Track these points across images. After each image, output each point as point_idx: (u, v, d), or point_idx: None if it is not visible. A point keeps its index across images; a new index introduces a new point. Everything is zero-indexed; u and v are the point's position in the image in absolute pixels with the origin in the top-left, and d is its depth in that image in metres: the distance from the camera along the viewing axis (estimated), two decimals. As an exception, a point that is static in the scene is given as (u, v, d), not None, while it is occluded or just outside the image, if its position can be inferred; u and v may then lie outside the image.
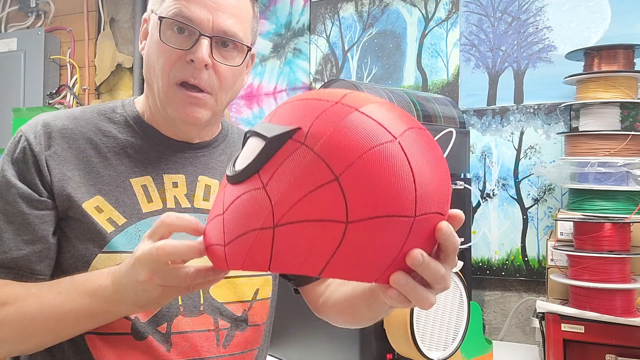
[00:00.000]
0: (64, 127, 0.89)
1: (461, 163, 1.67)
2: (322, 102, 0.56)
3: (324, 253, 0.53)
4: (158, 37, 0.85)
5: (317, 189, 0.52)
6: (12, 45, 2.82)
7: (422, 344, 1.28)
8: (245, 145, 0.60)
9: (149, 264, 0.63)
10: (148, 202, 0.89)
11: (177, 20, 0.83)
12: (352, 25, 2.17)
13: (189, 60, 0.83)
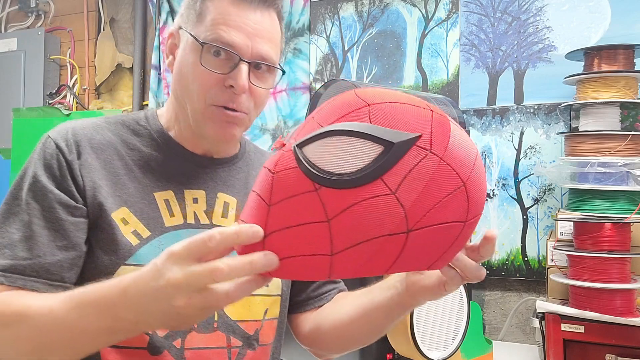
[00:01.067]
0: (92, 137, 0.88)
1: (461, 163, 1.66)
2: (420, 109, 0.59)
3: (440, 250, 0.60)
4: (196, 60, 0.85)
5: (449, 195, 0.57)
6: (12, 45, 2.82)
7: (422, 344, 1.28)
8: (337, 146, 0.57)
9: (189, 289, 0.58)
10: (170, 217, 0.89)
11: (218, 46, 0.84)
12: (352, 25, 2.17)
13: (228, 85, 0.84)
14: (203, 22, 0.85)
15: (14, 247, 0.80)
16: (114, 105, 2.71)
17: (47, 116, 2.63)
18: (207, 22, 0.85)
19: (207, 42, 0.84)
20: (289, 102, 2.27)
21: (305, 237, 0.57)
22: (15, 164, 2.63)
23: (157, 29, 2.53)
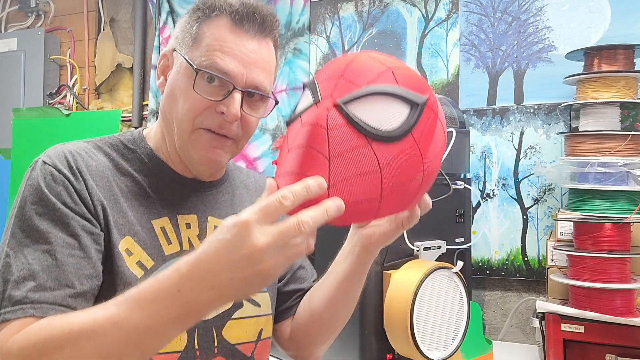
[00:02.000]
0: (89, 163, 0.85)
1: (461, 163, 1.67)
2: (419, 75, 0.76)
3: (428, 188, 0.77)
4: (188, 84, 0.84)
5: (443, 147, 0.77)
6: (12, 45, 2.82)
7: (422, 344, 1.28)
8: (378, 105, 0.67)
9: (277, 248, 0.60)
10: (168, 245, 0.87)
11: (213, 73, 0.83)
12: (352, 25, 2.17)
13: (220, 112, 0.84)
14: (199, 47, 0.84)
15: (37, 278, 0.74)
16: (114, 105, 2.71)
17: (47, 116, 2.63)
18: (202, 47, 0.84)
19: (201, 68, 0.82)
20: (288, 102, 2.27)
21: (362, 185, 0.65)
22: (15, 164, 2.63)
23: (157, 29, 2.53)
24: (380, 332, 1.35)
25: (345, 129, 0.66)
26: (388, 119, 0.67)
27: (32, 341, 0.68)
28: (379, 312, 1.35)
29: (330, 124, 0.66)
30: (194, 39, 0.85)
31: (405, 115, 0.68)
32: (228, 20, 0.84)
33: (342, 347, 1.22)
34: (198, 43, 0.84)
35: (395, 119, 0.67)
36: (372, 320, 1.35)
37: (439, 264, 1.36)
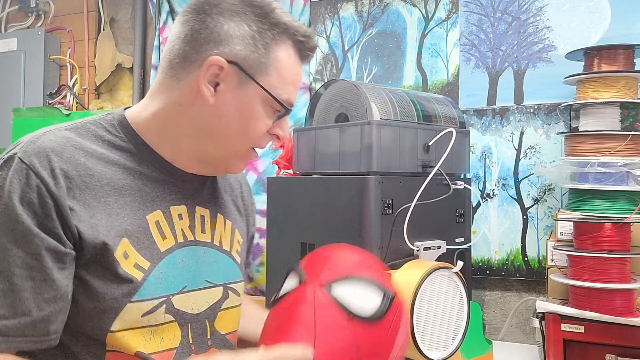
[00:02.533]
0: (76, 160, 0.79)
1: (461, 163, 1.67)
2: None
3: None
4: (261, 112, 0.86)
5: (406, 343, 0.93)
6: (12, 45, 2.82)
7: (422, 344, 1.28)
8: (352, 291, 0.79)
9: None
10: (163, 240, 0.86)
11: (288, 108, 0.87)
12: (352, 25, 2.17)
13: (273, 134, 0.89)
14: (273, 74, 0.84)
15: None
16: (114, 105, 2.71)
17: (47, 116, 2.63)
18: (279, 77, 0.85)
19: (284, 103, 0.86)
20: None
21: None
22: (15, 164, 2.63)
23: (157, 29, 2.53)
24: (380, 332, 1.35)
25: (331, 307, 0.76)
26: (364, 304, 0.78)
27: None
28: (379, 312, 1.35)
29: (317, 303, 0.77)
30: (264, 62, 0.84)
31: (378, 303, 0.79)
32: (294, 47, 0.87)
33: (342, 347, 1.22)
34: (270, 69, 0.84)
35: (371, 304, 0.78)
36: (372, 320, 1.35)
37: (439, 264, 1.36)
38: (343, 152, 1.48)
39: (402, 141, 1.48)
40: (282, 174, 1.80)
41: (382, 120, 1.45)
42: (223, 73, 0.83)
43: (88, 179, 0.79)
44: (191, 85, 0.84)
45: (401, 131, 1.48)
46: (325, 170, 1.54)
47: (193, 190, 0.94)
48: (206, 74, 0.83)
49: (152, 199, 0.86)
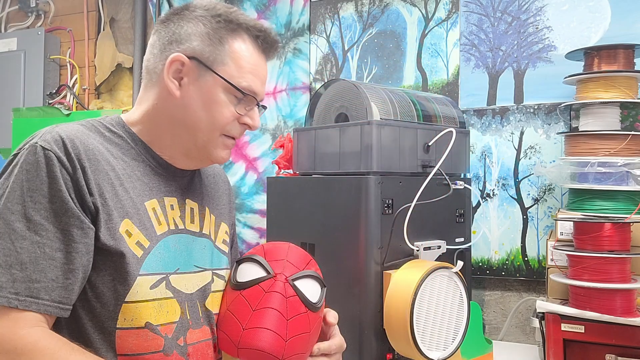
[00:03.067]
0: (87, 146, 0.88)
1: (461, 163, 1.67)
2: None
3: None
4: (224, 100, 0.94)
5: None
6: (12, 45, 2.82)
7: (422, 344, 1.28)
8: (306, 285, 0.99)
9: None
10: (159, 225, 0.94)
11: (250, 94, 0.95)
12: (352, 25, 2.17)
13: (243, 123, 0.97)
14: (228, 63, 0.93)
15: (25, 269, 0.78)
16: (114, 105, 2.71)
17: (47, 116, 2.63)
18: (232, 65, 0.93)
19: (243, 90, 0.94)
20: (289, 102, 2.27)
21: (303, 342, 0.96)
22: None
23: (157, 29, 2.53)
24: (380, 332, 1.35)
25: (296, 299, 0.96)
26: (314, 294, 0.98)
27: None
28: (379, 312, 1.35)
29: (286, 294, 0.95)
30: (221, 54, 0.93)
31: (320, 294, 1.00)
32: (252, 41, 0.96)
33: (342, 347, 1.22)
34: (227, 60, 0.93)
35: (317, 295, 0.99)
36: (372, 320, 1.35)
37: (439, 264, 1.36)
38: (343, 152, 1.48)
39: (402, 141, 1.48)
40: (282, 174, 1.80)
41: (382, 120, 1.45)
42: (185, 68, 0.93)
43: (96, 163, 0.88)
44: (161, 84, 0.95)
45: (401, 131, 1.48)
46: (325, 170, 1.54)
47: (183, 184, 1.03)
48: (169, 70, 0.93)
49: (149, 188, 0.95)
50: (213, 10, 0.95)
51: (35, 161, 0.82)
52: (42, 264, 0.79)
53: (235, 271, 1.01)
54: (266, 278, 0.96)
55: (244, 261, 1.01)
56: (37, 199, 0.81)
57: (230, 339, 0.95)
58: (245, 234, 2.29)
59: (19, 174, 0.82)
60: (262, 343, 0.91)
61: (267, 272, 0.97)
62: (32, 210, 0.80)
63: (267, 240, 1.72)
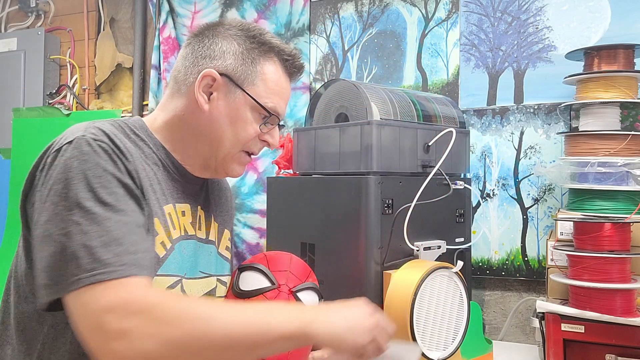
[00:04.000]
0: (125, 144, 0.90)
1: (461, 163, 1.67)
2: None
3: None
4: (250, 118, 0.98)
5: None
6: (12, 45, 2.82)
7: (422, 344, 1.28)
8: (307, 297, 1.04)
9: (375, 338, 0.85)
10: (173, 229, 0.96)
11: (274, 114, 0.99)
12: (352, 25, 2.17)
13: (263, 140, 1.01)
14: (257, 84, 0.98)
15: (121, 244, 0.78)
16: (114, 105, 2.71)
17: (47, 116, 2.63)
18: (262, 86, 0.98)
19: (269, 110, 0.98)
20: (289, 102, 2.26)
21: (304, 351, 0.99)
22: (15, 164, 2.63)
23: (157, 29, 2.53)
24: (380, 332, 1.35)
25: None
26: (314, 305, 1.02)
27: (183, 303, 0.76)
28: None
29: None
30: (252, 74, 0.98)
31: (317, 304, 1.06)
32: (282, 67, 1.01)
33: (342, 347, 1.22)
34: (258, 81, 0.98)
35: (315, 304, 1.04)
36: (372, 320, 1.35)
37: (439, 264, 1.36)
38: (343, 152, 1.48)
39: (402, 141, 1.48)
40: (282, 174, 1.80)
41: (382, 120, 1.45)
42: (215, 84, 0.96)
43: (134, 160, 0.90)
44: (190, 96, 0.97)
45: (401, 131, 1.48)
46: (325, 170, 1.54)
47: (195, 191, 1.05)
48: (201, 84, 0.96)
49: (168, 193, 0.98)
50: (247, 31, 0.99)
51: (92, 151, 0.82)
52: (133, 237, 0.80)
53: (238, 279, 1.02)
54: (271, 288, 0.99)
55: (246, 269, 1.03)
56: (104, 183, 0.81)
57: None
58: (245, 234, 2.29)
59: (77, 166, 0.81)
60: None
61: (271, 282, 1.00)
62: (103, 194, 0.80)
63: (267, 240, 1.71)
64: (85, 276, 0.73)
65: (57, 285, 0.75)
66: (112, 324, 0.70)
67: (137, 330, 0.70)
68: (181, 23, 2.48)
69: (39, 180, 0.83)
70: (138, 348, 0.69)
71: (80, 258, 0.74)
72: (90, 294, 0.72)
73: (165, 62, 2.48)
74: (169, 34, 2.48)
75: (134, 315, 0.71)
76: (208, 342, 0.73)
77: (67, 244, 0.75)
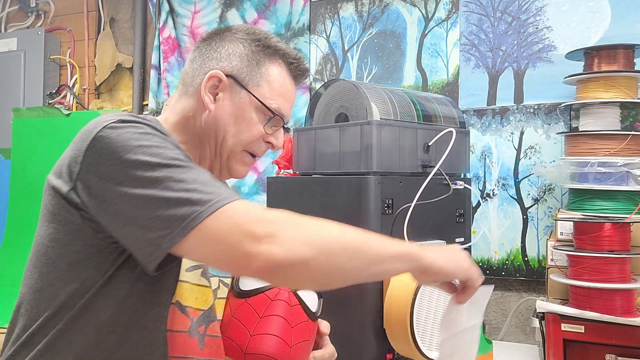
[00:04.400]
0: None
1: (461, 163, 1.67)
2: None
3: None
4: (254, 118, 0.99)
5: None
6: (12, 45, 2.82)
7: (422, 344, 1.28)
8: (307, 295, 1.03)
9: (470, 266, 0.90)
10: None
11: (278, 115, 1.00)
12: (352, 25, 2.17)
13: (267, 142, 1.02)
14: (263, 85, 1.00)
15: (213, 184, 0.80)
16: (113, 105, 2.71)
17: (47, 116, 2.63)
18: (269, 89, 1.00)
19: (273, 111, 0.99)
20: (289, 102, 2.27)
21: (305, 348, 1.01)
22: (15, 164, 2.63)
23: (157, 29, 2.53)
24: (380, 332, 1.35)
25: (299, 308, 1.00)
26: (313, 304, 1.03)
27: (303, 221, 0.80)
28: (379, 312, 1.35)
29: (292, 303, 0.99)
30: (258, 76, 1.00)
31: (318, 304, 1.05)
32: (287, 70, 1.02)
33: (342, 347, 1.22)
34: (263, 83, 1.00)
35: (316, 305, 1.04)
36: (372, 320, 1.35)
37: (439, 264, 1.36)
38: (343, 152, 1.48)
39: (402, 141, 1.48)
40: (282, 174, 1.80)
41: (382, 120, 1.45)
42: (221, 84, 0.98)
43: None
44: (197, 97, 0.99)
45: (401, 131, 1.48)
46: (325, 170, 1.54)
47: None
48: (207, 85, 0.98)
49: None
50: (253, 34, 1.01)
51: (139, 126, 0.84)
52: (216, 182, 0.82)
53: (238, 280, 1.03)
54: (271, 287, 1.00)
55: None
56: (168, 147, 0.83)
57: (237, 344, 0.96)
58: (245, 234, 2.29)
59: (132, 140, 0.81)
60: (270, 348, 0.95)
61: None
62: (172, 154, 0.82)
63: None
64: (204, 208, 0.76)
65: (175, 229, 0.76)
66: (259, 230, 0.74)
67: (284, 233, 0.75)
68: (181, 23, 2.48)
69: (95, 159, 0.82)
70: (288, 248, 0.75)
71: (190, 199, 0.76)
72: (218, 219, 0.76)
73: (165, 62, 2.48)
74: (169, 34, 2.48)
75: (274, 223, 0.76)
76: (342, 247, 0.80)
77: (169, 194, 0.77)
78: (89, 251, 0.85)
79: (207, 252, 0.77)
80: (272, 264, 0.73)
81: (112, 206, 0.80)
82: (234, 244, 0.75)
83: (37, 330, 0.86)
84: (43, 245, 0.89)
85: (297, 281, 0.80)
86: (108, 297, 0.85)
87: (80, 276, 0.85)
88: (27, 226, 2.51)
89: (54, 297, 0.87)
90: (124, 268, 0.86)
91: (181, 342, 0.92)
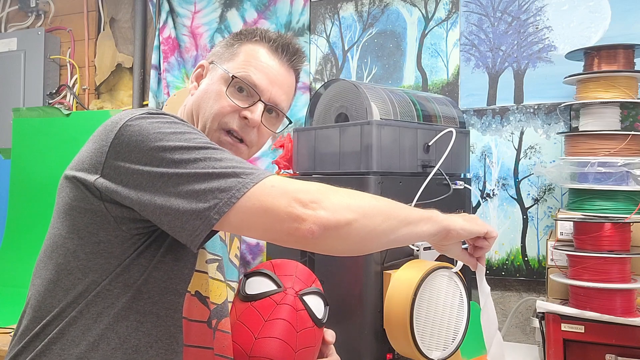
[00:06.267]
0: None
1: (461, 163, 1.67)
2: None
3: None
4: (221, 89, 0.99)
5: None
6: (12, 45, 2.82)
7: (422, 344, 1.28)
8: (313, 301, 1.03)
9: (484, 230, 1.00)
10: None
11: (245, 82, 0.99)
12: (352, 25, 2.17)
13: (243, 116, 0.99)
14: (235, 61, 1.01)
15: (246, 165, 0.82)
16: (114, 105, 2.71)
17: (47, 116, 2.62)
18: (239, 61, 1.01)
19: (236, 76, 0.98)
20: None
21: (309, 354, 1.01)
22: (15, 164, 2.63)
23: (157, 29, 2.53)
24: (380, 332, 1.35)
25: (304, 313, 1.00)
26: (319, 310, 1.03)
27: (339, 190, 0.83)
28: (379, 312, 1.35)
29: (297, 308, 0.99)
30: (233, 54, 1.02)
31: (324, 310, 1.05)
32: (266, 46, 1.02)
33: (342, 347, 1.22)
34: (236, 57, 1.01)
35: (322, 312, 1.04)
36: (372, 320, 1.35)
37: (439, 263, 1.36)
38: (343, 152, 1.48)
39: (402, 141, 1.48)
40: (282, 174, 1.80)
41: (382, 120, 1.45)
42: (205, 70, 1.05)
43: None
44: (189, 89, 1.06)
45: (401, 131, 1.48)
46: (325, 170, 1.54)
47: None
48: (194, 74, 1.06)
49: None
50: (246, 30, 1.07)
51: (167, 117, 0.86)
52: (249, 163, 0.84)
53: (244, 284, 1.03)
54: (277, 291, 1.00)
55: (252, 275, 1.04)
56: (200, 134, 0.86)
57: (242, 347, 0.96)
58: (245, 234, 2.29)
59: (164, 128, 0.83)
60: (274, 352, 0.95)
61: (277, 285, 1.01)
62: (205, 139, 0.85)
63: (267, 240, 1.71)
64: (249, 179, 0.78)
65: (222, 199, 0.77)
66: (305, 196, 0.77)
67: (327, 199, 0.79)
68: (181, 23, 2.48)
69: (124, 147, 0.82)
70: (333, 211, 0.78)
71: (234, 172, 0.79)
72: (264, 188, 0.78)
73: (165, 62, 2.48)
74: (169, 34, 2.48)
75: (316, 191, 0.79)
76: (377, 210, 0.83)
77: (211, 170, 0.79)
78: (112, 241, 0.85)
79: (255, 221, 0.78)
80: (320, 227, 0.76)
81: (149, 189, 0.80)
82: (282, 210, 0.77)
83: (51, 321, 0.86)
84: (60, 236, 0.89)
85: (340, 244, 0.82)
86: (124, 285, 0.86)
87: (101, 266, 0.85)
88: (27, 226, 2.51)
89: (72, 287, 0.87)
90: (142, 257, 0.86)
91: (198, 332, 0.93)
